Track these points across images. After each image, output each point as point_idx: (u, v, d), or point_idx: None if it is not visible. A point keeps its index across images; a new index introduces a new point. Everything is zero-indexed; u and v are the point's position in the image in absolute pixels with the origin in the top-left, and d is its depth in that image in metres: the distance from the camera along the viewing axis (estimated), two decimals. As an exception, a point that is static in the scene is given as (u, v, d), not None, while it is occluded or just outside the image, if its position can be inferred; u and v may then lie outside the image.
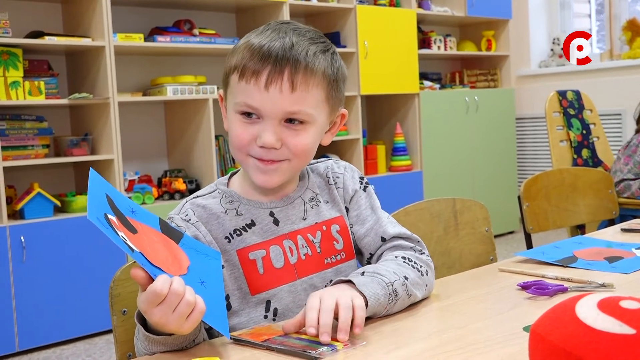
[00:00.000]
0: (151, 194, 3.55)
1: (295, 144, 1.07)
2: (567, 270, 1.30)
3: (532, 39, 5.54)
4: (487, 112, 5.11)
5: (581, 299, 0.66)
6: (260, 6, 4.03)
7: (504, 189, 5.21)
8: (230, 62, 1.09)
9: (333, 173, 1.23)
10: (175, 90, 3.59)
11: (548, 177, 2.13)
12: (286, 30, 1.08)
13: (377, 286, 1.02)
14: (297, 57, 1.04)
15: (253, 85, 1.04)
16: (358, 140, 4.35)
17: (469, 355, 0.87)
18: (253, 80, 1.04)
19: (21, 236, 3.06)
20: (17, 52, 3.16)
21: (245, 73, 1.05)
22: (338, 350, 0.90)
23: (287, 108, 1.05)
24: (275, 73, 1.03)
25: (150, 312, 0.87)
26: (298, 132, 1.07)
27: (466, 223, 1.66)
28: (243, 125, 1.07)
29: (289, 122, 1.07)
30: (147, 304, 0.87)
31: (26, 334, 3.09)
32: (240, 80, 1.05)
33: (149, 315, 0.88)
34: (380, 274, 1.05)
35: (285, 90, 1.04)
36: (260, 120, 1.06)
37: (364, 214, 1.21)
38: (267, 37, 1.06)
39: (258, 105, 1.05)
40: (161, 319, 0.87)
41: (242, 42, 1.09)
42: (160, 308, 0.87)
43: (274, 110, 1.04)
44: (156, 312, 0.87)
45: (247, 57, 1.05)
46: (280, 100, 1.04)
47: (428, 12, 4.81)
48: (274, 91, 1.03)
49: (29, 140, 3.26)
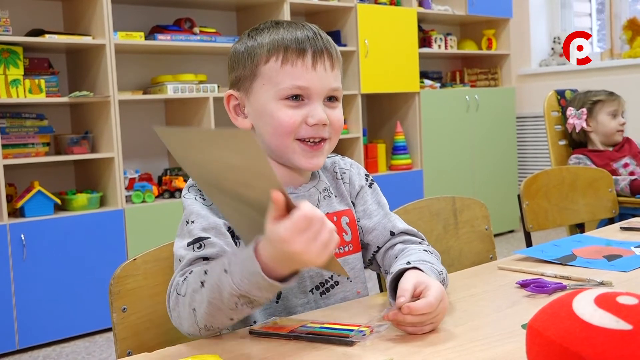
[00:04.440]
0: (151, 193, 3.56)
1: (337, 118, 1.13)
2: (566, 268, 1.31)
3: (533, 38, 5.54)
4: (487, 111, 5.11)
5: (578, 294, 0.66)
6: (261, 5, 4.03)
7: (504, 188, 5.21)
8: (258, 57, 1.10)
9: (340, 169, 1.26)
10: (175, 88, 3.59)
11: (548, 175, 2.13)
12: (294, 23, 1.14)
13: (437, 277, 1.05)
14: (328, 40, 1.13)
15: (301, 67, 1.08)
16: (358, 138, 4.34)
17: (468, 352, 0.88)
18: (300, 61, 1.08)
19: (21, 234, 3.06)
20: (17, 50, 3.16)
21: (290, 58, 1.08)
22: (366, 335, 0.93)
23: (332, 84, 1.11)
24: (318, 53, 1.10)
25: (293, 240, 0.83)
26: (335, 108, 1.14)
27: (466, 221, 1.66)
28: (291, 109, 1.10)
29: (328, 100, 1.13)
30: (292, 231, 0.83)
31: (26, 332, 3.09)
32: (284, 66, 1.08)
33: (289, 245, 0.83)
34: (430, 262, 1.08)
35: (328, 68, 1.11)
36: (307, 101, 1.10)
37: (370, 209, 1.23)
38: (288, 30, 1.11)
39: (308, 85, 1.09)
40: (305, 247, 0.83)
41: (261, 41, 1.11)
42: (305, 235, 0.83)
43: (322, 87, 1.10)
44: (300, 240, 0.83)
45: (284, 46, 1.09)
46: (326, 77, 1.10)
47: (429, 10, 4.81)
48: (320, 69, 1.10)
49: (30, 139, 3.26)
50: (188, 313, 0.96)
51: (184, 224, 1.07)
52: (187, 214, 1.08)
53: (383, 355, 0.88)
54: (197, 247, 1.03)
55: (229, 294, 0.90)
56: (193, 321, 0.95)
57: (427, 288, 0.96)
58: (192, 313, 0.95)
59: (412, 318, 0.93)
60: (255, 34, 1.13)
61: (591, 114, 2.91)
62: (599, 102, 2.90)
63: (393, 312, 0.95)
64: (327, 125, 1.10)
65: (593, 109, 2.91)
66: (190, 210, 1.08)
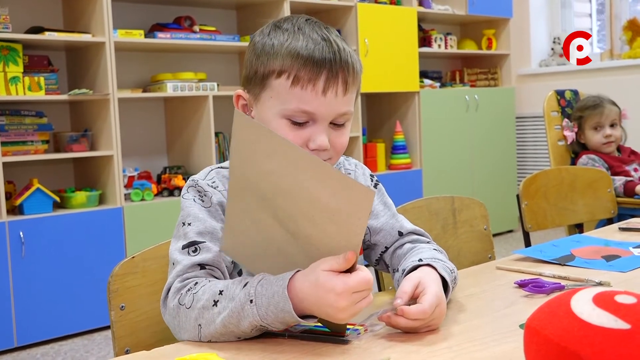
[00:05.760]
0: (150, 191, 3.55)
1: (341, 142, 1.10)
2: (565, 268, 1.31)
3: (533, 38, 5.54)
4: (487, 111, 5.11)
5: (576, 293, 0.66)
6: (261, 3, 4.03)
7: (504, 188, 5.21)
8: (271, 66, 1.06)
9: (345, 169, 1.26)
10: (175, 86, 3.59)
11: (547, 176, 2.13)
12: (318, 28, 1.07)
13: (449, 275, 1.05)
14: (347, 61, 1.06)
15: (310, 92, 1.03)
16: (358, 138, 4.35)
17: (466, 352, 0.88)
18: (310, 86, 1.03)
19: (20, 232, 3.06)
20: (17, 48, 3.16)
21: (301, 80, 1.03)
22: (361, 334, 0.94)
23: (340, 110, 1.07)
24: (332, 78, 1.04)
25: (344, 296, 0.86)
26: (341, 131, 1.10)
27: (465, 221, 1.66)
28: (293, 130, 1.06)
29: (334, 122, 1.08)
30: (348, 288, 0.86)
31: (25, 330, 3.09)
32: (294, 87, 1.03)
33: (338, 298, 0.86)
34: (442, 261, 1.08)
35: (340, 94, 1.06)
36: (311, 123, 1.06)
37: (377, 209, 1.23)
38: (308, 40, 1.05)
39: (314, 110, 1.04)
40: (347, 306, 0.87)
41: (278, 45, 1.05)
42: (354, 296, 0.87)
43: (329, 113, 1.05)
44: (348, 299, 0.87)
45: (298, 64, 1.03)
46: (335, 103, 1.05)
47: (429, 10, 4.81)
48: (331, 95, 1.04)
49: (29, 136, 3.26)
50: (192, 327, 0.96)
51: (180, 226, 1.06)
52: (185, 215, 1.07)
53: (379, 354, 0.88)
54: (192, 251, 1.03)
55: (249, 323, 0.91)
56: (196, 335, 0.96)
57: (423, 293, 0.96)
58: (198, 328, 0.95)
59: (405, 322, 0.94)
60: (275, 34, 1.08)
61: (580, 127, 2.94)
62: (582, 117, 2.92)
63: (387, 315, 0.95)
64: (327, 150, 1.07)
65: (580, 122, 2.94)
66: (188, 212, 1.07)
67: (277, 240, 0.94)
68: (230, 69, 4.15)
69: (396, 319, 0.94)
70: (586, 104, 2.95)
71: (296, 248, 0.93)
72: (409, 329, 0.95)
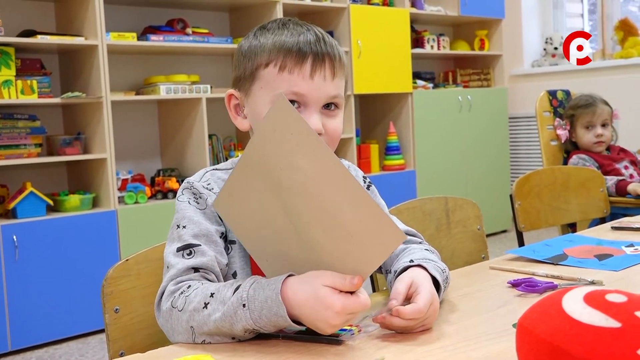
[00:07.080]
0: (144, 193, 3.55)
1: (334, 127, 1.11)
2: (557, 267, 1.31)
3: (525, 39, 5.56)
4: (480, 111, 5.13)
5: (568, 292, 0.66)
6: (254, 5, 4.03)
7: (497, 188, 5.22)
8: (259, 61, 1.09)
9: None
10: (168, 89, 3.59)
11: (540, 175, 2.14)
12: (302, 24, 1.12)
13: (440, 275, 1.06)
14: (332, 45, 1.10)
15: (297, 75, 1.06)
16: (351, 139, 4.35)
17: (459, 351, 0.88)
18: (297, 70, 1.06)
19: (13, 235, 3.05)
20: (9, 51, 3.15)
21: (287, 65, 1.06)
22: (355, 335, 0.94)
23: (330, 92, 1.09)
24: (318, 62, 1.07)
25: (340, 314, 0.88)
26: (334, 117, 1.11)
27: (458, 221, 1.66)
28: None
29: (327, 107, 1.10)
30: (346, 309, 0.88)
31: (19, 334, 3.08)
32: (282, 72, 1.07)
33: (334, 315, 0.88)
34: (433, 261, 1.09)
35: (328, 77, 1.08)
36: (303, 108, 1.08)
37: None
38: (292, 31, 1.09)
39: (305, 92, 1.07)
40: (338, 323, 0.89)
41: (264, 42, 1.09)
42: (348, 317, 0.89)
43: (320, 96, 1.08)
44: (342, 317, 0.88)
45: (284, 52, 1.07)
46: (324, 86, 1.08)
47: (421, 11, 4.82)
48: (319, 79, 1.07)
49: (22, 140, 3.25)
50: (185, 329, 0.96)
51: (175, 228, 1.07)
52: (179, 217, 1.07)
53: (374, 354, 0.88)
54: (187, 254, 1.03)
55: (242, 327, 0.91)
56: (189, 336, 0.96)
57: (417, 292, 0.97)
58: (190, 330, 0.96)
59: (400, 322, 0.94)
60: (261, 33, 1.12)
61: (572, 126, 2.95)
62: (574, 115, 2.93)
63: (382, 315, 0.96)
64: (321, 135, 1.08)
65: (572, 121, 2.95)
66: (183, 214, 1.07)
67: (278, 224, 0.93)
68: (223, 71, 4.15)
69: (391, 320, 0.95)
70: (579, 103, 2.96)
71: (295, 242, 0.93)
72: (403, 329, 0.95)
